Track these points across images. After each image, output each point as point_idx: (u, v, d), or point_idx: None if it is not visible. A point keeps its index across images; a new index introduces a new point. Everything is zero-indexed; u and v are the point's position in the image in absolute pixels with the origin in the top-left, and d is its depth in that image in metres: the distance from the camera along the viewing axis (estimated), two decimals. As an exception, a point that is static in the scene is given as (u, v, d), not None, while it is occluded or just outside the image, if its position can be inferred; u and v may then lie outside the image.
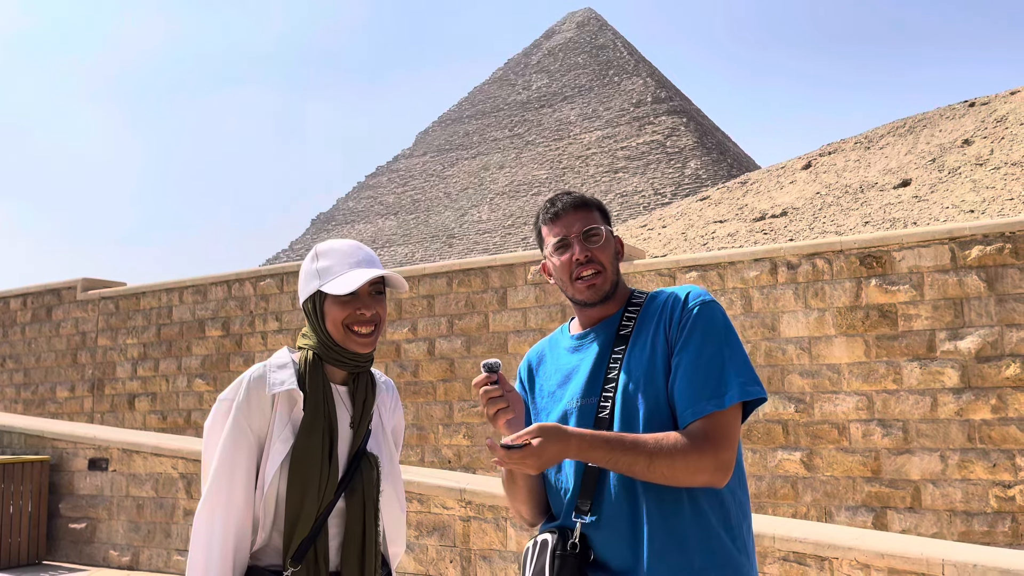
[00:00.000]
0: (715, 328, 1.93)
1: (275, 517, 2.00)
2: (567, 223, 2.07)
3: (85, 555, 9.11)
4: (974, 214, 14.40)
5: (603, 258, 2.05)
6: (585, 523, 1.89)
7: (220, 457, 1.97)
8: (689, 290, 2.02)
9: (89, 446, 9.32)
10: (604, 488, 1.90)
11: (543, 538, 1.93)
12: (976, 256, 7.21)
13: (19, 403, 13.81)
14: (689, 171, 53.02)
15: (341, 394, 2.11)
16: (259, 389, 2.01)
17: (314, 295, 2.08)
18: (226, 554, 1.95)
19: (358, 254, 2.10)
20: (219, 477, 1.96)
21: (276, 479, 1.97)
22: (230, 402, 2.01)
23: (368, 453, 2.09)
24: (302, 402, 2.02)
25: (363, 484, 2.04)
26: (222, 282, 12.07)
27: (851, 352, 7.61)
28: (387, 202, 68.21)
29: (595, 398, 1.97)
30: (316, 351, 2.09)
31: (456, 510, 6.89)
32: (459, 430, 9.80)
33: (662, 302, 2.02)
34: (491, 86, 74.45)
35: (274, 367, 2.06)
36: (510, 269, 9.77)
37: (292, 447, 1.98)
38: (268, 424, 2.01)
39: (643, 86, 63.23)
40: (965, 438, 7.07)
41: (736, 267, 8.29)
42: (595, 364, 2.02)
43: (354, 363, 2.10)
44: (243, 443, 1.98)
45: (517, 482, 2.05)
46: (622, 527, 1.87)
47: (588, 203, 2.12)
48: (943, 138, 19.99)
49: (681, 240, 20.41)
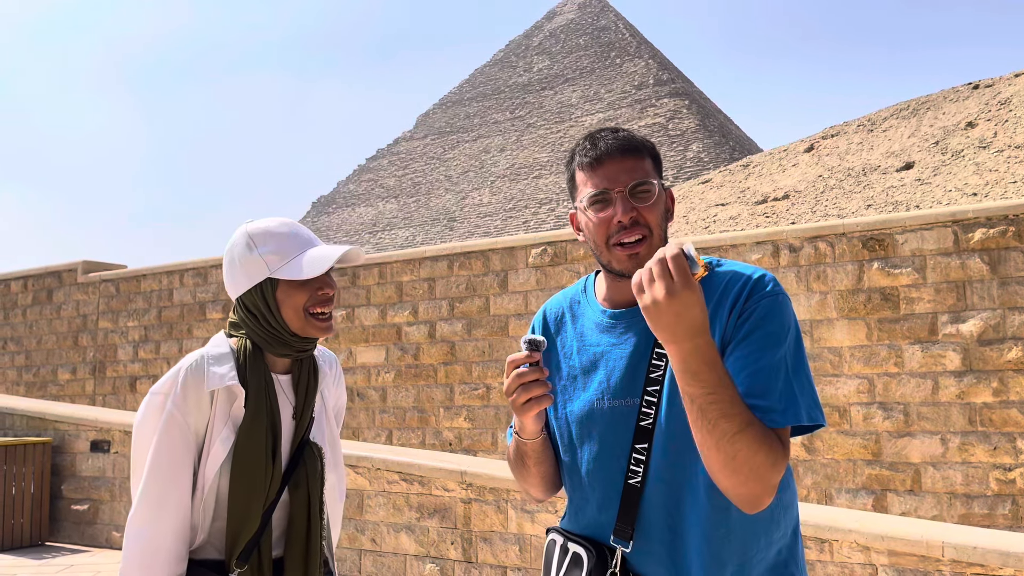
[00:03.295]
0: (783, 330, 1.57)
1: (215, 514, 1.89)
2: (611, 173, 1.66)
3: (88, 536, 9.15)
4: (977, 197, 14.34)
5: (651, 219, 1.66)
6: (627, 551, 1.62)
7: (155, 456, 1.83)
8: (759, 276, 1.62)
9: (91, 428, 9.34)
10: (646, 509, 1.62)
11: (575, 551, 1.66)
12: (979, 239, 7.18)
13: (21, 385, 13.84)
14: (691, 154, 52.83)
15: (283, 384, 2.00)
16: (197, 384, 1.87)
17: (262, 284, 1.93)
18: (162, 559, 1.81)
19: (300, 232, 1.97)
20: (154, 478, 1.82)
21: (216, 480, 1.86)
22: (164, 396, 1.87)
23: (311, 443, 1.99)
24: (243, 398, 1.89)
25: (307, 476, 1.94)
26: (222, 265, 12.05)
27: (853, 335, 7.60)
28: (388, 185, 68.05)
29: (635, 400, 1.63)
30: (256, 341, 1.95)
31: (457, 492, 6.90)
32: (460, 413, 9.81)
33: (721, 285, 1.63)
34: (492, 68, 74.07)
35: (211, 358, 1.92)
36: (511, 252, 9.75)
37: (233, 447, 1.86)
38: (207, 421, 1.88)
39: (645, 68, 62.89)
40: (966, 421, 7.07)
41: (738, 250, 8.26)
42: (633, 356, 1.65)
43: (302, 350, 1.99)
44: (179, 441, 1.85)
45: (529, 466, 1.79)
46: (662, 553, 1.61)
47: (639, 147, 1.69)
48: (946, 120, 19.89)
49: (683, 223, 20.36)
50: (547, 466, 1.79)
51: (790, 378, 1.53)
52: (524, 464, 1.79)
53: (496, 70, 73.40)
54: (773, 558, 1.63)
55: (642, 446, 1.61)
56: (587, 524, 1.71)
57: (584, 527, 1.71)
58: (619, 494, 1.63)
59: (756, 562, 1.60)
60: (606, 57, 66.54)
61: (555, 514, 6.42)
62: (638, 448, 1.61)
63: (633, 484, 1.61)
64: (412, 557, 6.93)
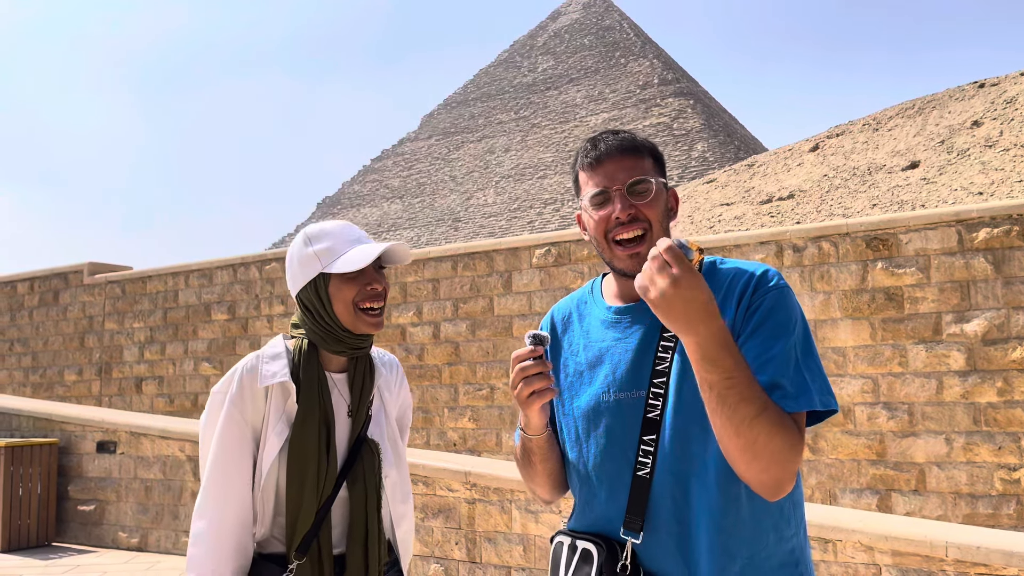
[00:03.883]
0: (791, 321, 1.60)
1: (275, 508, 1.98)
2: (610, 171, 1.72)
3: (94, 537, 9.19)
4: (983, 196, 14.30)
5: (651, 216, 1.70)
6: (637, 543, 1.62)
7: (216, 451, 1.95)
8: (763, 271, 1.66)
9: (97, 429, 9.38)
10: (654, 501, 1.63)
11: (585, 548, 1.65)
12: (983, 238, 7.17)
13: (27, 386, 13.90)
14: (696, 153, 52.76)
15: (337, 382, 2.08)
16: (251, 381, 1.98)
17: (316, 280, 2.01)
18: (227, 548, 1.92)
19: (353, 231, 2.07)
20: (216, 472, 1.94)
21: (273, 471, 1.95)
22: (223, 395, 1.98)
23: (368, 440, 2.06)
24: (295, 394, 1.98)
25: (364, 472, 2.01)
26: (227, 266, 12.08)
27: (857, 335, 7.59)
28: (392, 185, 68.11)
29: (641, 392, 1.65)
30: (312, 339, 2.04)
31: (461, 492, 6.92)
32: (464, 413, 9.83)
33: (726, 281, 1.67)
34: (497, 68, 74.07)
35: (267, 358, 2.02)
36: (515, 253, 9.76)
37: (287, 440, 1.95)
38: (263, 416, 1.98)
39: (650, 68, 62.83)
40: (970, 421, 7.06)
41: (741, 250, 8.26)
42: (639, 349, 1.68)
43: (356, 348, 2.06)
44: (238, 435, 1.96)
45: (535, 464, 1.81)
46: (672, 544, 1.62)
47: (638, 147, 1.74)
48: (952, 119, 19.83)
49: (687, 223, 20.35)
50: (553, 464, 1.81)
51: (800, 366, 1.57)
52: (531, 462, 1.81)
53: (500, 70, 73.41)
54: (785, 555, 1.63)
55: (650, 437, 1.63)
56: (595, 520, 1.71)
57: (592, 523, 1.71)
58: (627, 487, 1.64)
59: (766, 556, 1.61)
60: (611, 57, 66.50)
61: (559, 515, 6.43)
62: (646, 440, 1.63)
63: (642, 476, 1.62)
64: (416, 557, 6.94)
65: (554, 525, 6.40)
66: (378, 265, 2.06)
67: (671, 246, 1.46)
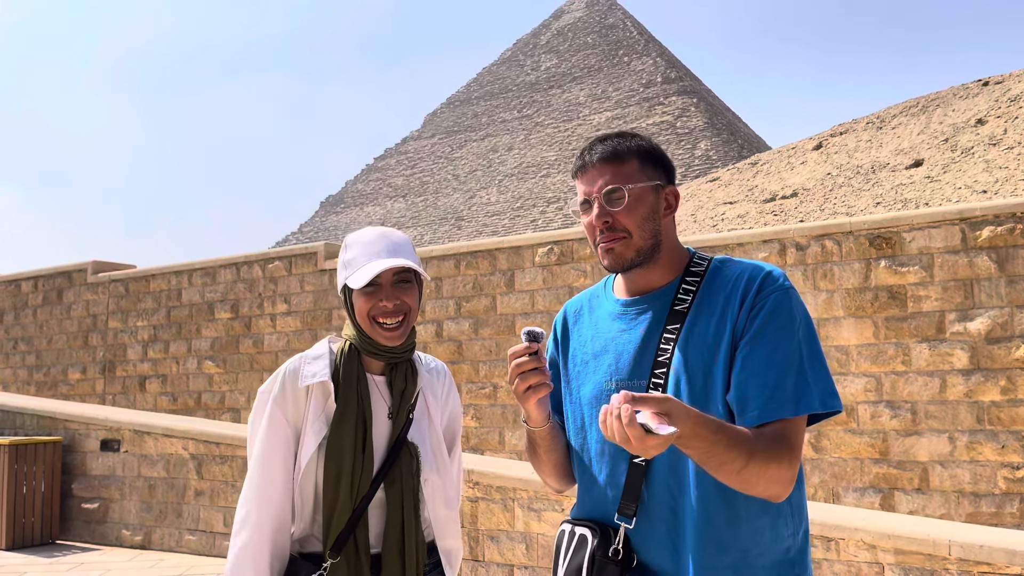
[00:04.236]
0: (795, 322, 1.64)
1: (314, 506, 2.04)
2: (591, 179, 1.79)
3: (98, 535, 9.22)
4: (987, 194, 14.26)
5: (627, 223, 1.74)
6: (630, 528, 1.68)
7: (259, 449, 2.03)
8: (766, 273, 1.69)
9: (101, 427, 9.40)
10: (649, 489, 1.68)
11: (581, 533, 1.72)
12: (987, 237, 7.15)
13: (31, 385, 13.93)
14: (699, 152, 52.70)
15: (379, 384, 2.12)
16: (293, 381, 2.05)
17: (344, 287, 2.08)
18: (263, 540, 1.99)
19: (380, 243, 2.07)
20: (258, 468, 2.03)
21: (312, 468, 2.01)
22: (267, 395, 2.07)
23: (408, 443, 2.08)
24: (334, 394, 2.04)
25: (401, 474, 2.04)
26: (231, 265, 12.10)
27: (860, 334, 7.58)
28: (396, 184, 68.13)
29: (643, 381, 1.71)
30: (353, 342, 2.11)
31: (464, 491, 6.92)
32: (467, 412, 9.84)
33: (731, 280, 1.71)
34: (500, 67, 74.04)
35: (309, 359, 2.10)
36: (517, 251, 9.76)
37: (325, 437, 2.01)
38: (303, 415, 2.04)
39: (653, 66, 62.76)
40: (974, 419, 7.05)
41: (744, 249, 8.25)
42: (643, 341, 1.74)
43: (389, 355, 2.10)
44: (279, 434, 2.03)
45: (541, 455, 1.88)
46: (663, 533, 1.67)
47: (621, 153, 1.78)
48: (956, 118, 19.78)
49: (691, 222, 20.33)
50: (558, 454, 1.87)
51: (804, 367, 1.61)
52: (536, 453, 1.88)
53: (504, 69, 73.39)
54: (780, 555, 1.65)
55: None
56: (593, 506, 1.78)
57: (590, 509, 1.78)
58: (624, 473, 1.70)
59: (759, 553, 1.63)
60: (614, 55, 66.45)
61: (562, 513, 6.43)
62: None
63: (638, 463, 1.68)
64: (419, 555, 6.95)
65: (556, 523, 6.40)
66: (404, 279, 2.07)
67: (632, 428, 1.37)
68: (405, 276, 2.08)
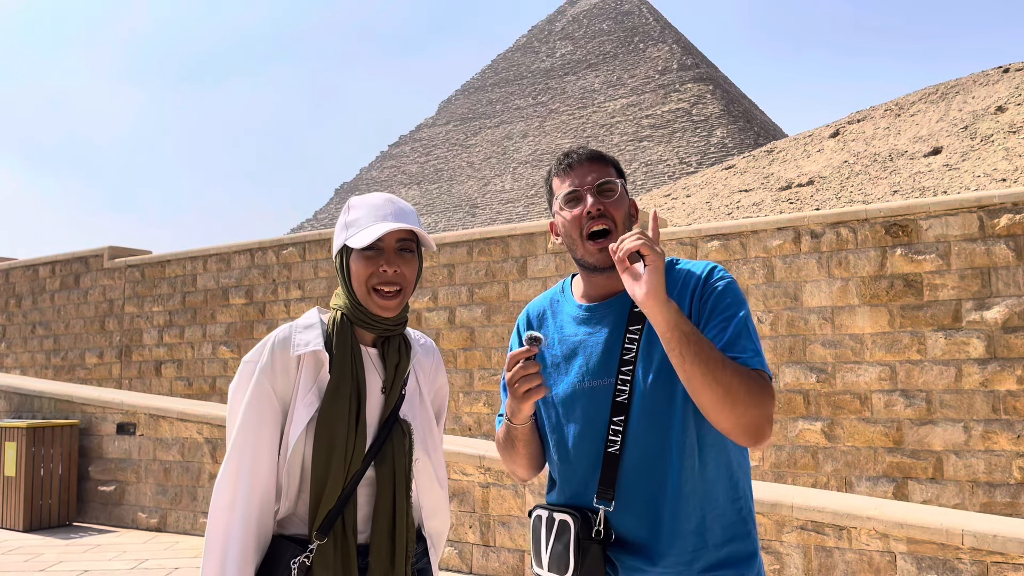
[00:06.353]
0: (740, 303, 1.86)
1: (300, 484, 1.90)
2: (580, 174, 1.95)
3: (114, 517, 9.33)
4: (1006, 183, 14.09)
5: (616, 215, 1.93)
6: (610, 511, 1.83)
7: (242, 421, 1.87)
8: (711, 267, 1.91)
9: (117, 411, 9.50)
10: (624, 472, 1.84)
11: (562, 519, 1.84)
12: (1005, 225, 7.07)
13: (49, 369, 14.08)
14: (715, 140, 52.37)
15: (372, 357, 1.99)
16: (283, 350, 1.91)
17: (342, 250, 1.97)
18: (248, 520, 1.84)
19: (388, 207, 1.97)
20: (241, 441, 1.87)
21: (300, 444, 1.87)
22: (254, 364, 1.91)
23: (400, 419, 1.98)
24: (328, 364, 1.91)
25: (393, 452, 1.93)
26: (245, 250, 12.16)
27: (875, 322, 7.53)
28: (410, 171, 68.16)
29: (611, 379, 1.86)
30: (345, 312, 1.98)
31: (476, 476, 6.95)
32: (479, 398, 9.86)
33: (681, 277, 1.91)
34: (515, 53, 73.77)
35: (300, 328, 1.96)
36: (530, 238, 9.75)
37: (317, 411, 1.88)
38: (293, 387, 1.90)
39: (669, 53, 62.32)
40: (989, 409, 6.99)
41: (759, 236, 8.20)
42: (607, 343, 1.90)
43: (382, 326, 1.98)
44: (266, 406, 1.88)
45: (519, 449, 1.98)
46: (639, 509, 1.83)
47: (604, 157, 2.01)
48: (976, 105, 19.53)
49: (706, 209, 20.22)
50: (533, 448, 2.02)
51: (752, 336, 1.82)
52: (514, 447, 2.01)
53: (518, 56, 73.11)
54: (735, 515, 1.85)
55: (619, 418, 1.85)
56: (572, 494, 1.92)
57: (569, 497, 1.93)
58: (600, 463, 1.86)
59: (718, 515, 1.83)
60: (629, 42, 66.01)
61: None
62: (615, 420, 1.85)
63: (612, 452, 1.85)
64: (431, 540, 6.99)
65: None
66: (407, 248, 1.97)
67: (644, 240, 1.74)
68: (408, 245, 1.98)
